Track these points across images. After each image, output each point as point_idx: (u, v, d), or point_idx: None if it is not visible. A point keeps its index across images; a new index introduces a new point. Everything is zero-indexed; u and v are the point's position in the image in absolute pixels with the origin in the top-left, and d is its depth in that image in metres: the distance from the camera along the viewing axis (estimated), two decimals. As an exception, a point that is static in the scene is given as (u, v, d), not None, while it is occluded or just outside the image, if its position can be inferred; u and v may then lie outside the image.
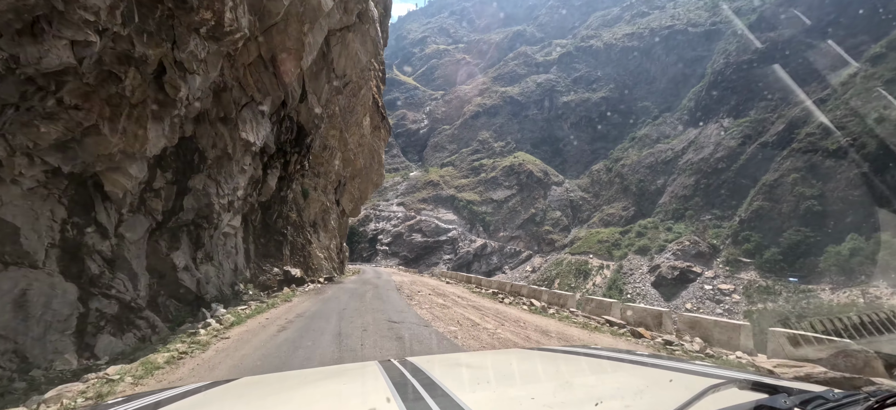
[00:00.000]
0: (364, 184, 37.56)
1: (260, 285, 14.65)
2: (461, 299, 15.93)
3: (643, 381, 1.45)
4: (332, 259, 25.99)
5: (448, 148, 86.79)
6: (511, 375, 1.67)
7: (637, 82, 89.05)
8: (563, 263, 54.06)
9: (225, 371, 5.92)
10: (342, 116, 25.47)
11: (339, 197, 30.69)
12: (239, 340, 7.90)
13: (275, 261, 17.21)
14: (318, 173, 24.71)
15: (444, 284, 25.23)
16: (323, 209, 25.19)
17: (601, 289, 46.16)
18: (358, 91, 27.21)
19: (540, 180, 71.30)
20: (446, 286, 22.71)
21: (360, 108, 28.76)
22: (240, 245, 14.02)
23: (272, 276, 15.66)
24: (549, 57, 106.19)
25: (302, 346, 7.23)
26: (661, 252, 47.61)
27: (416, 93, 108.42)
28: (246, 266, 14.41)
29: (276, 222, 18.15)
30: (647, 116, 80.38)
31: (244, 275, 13.95)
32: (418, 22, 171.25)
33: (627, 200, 63.32)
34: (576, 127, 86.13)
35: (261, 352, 6.87)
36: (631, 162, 68.47)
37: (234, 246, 13.54)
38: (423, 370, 1.57)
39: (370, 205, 69.21)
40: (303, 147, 18.49)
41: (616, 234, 56.48)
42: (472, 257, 61.49)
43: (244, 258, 14.42)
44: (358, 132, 30.30)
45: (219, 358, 6.62)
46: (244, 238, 14.70)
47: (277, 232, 18.14)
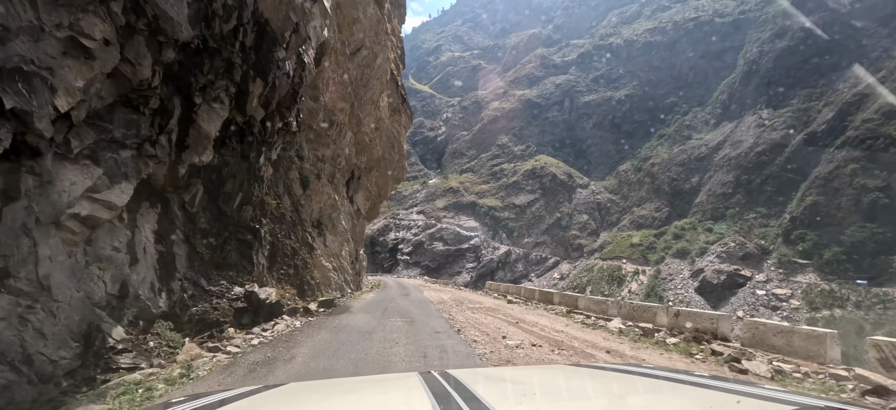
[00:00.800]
0: (383, 179, 32.25)
1: (196, 321, 8.04)
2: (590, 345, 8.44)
3: (706, 404, 1.31)
4: (343, 270, 20.46)
5: (467, 154, 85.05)
6: (558, 392, 1.60)
7: (662, 78, 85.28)
8: (593, 269, 50.98)
9: None
10: (354, 89, 20.94)
11: (352, 192, 25.73)
12: None
13: (238, 275, 10.35)
14: (323, 157, 19.46)
15: (506, 304, 16.78)
16: (330, 205, 19.71)
17: (638, 296, 42.90)
18: (372, 60, 23.07)
19: (564, 182, 68.47)
20: (511, 309, 14.84)
21: (375, 82, 24.30)
22: (147, 248, 7.28)
23: (225, 303, 8.98)
24: (567, 58, 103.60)
25: None
26: (703, 255, 44.04)
27: (432, 101, 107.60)
28: (163, 288, 7.58)
29: (241, 211, 10.95)
30: (675, 113, 76.54)
31: (156, 305, 7.20)
32: (432, 31, 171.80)
33: (660, 200, 59.72)
34: (599, 127, 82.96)
35: None
36: (661, 160, 64.87)
37: (125, 248, 6.63)
38: (465, 384, 1.52)
39: (390, 214, 67.95)
40: (274, 73, 10.41)
41: (650, 237, 53.05)
42: (496, 265, 59.07)
43: (160, 271, 7.64)
44: (374, 113, 25.80)
45: None
46: (159, 234, 7.83)
47: (243, 227, 11.02)
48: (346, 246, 22.66)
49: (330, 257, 18.78)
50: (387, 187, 35.50)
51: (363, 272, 31.02)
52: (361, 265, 29.29)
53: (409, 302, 16.44)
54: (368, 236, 62.74)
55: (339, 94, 19.45)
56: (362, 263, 30.55)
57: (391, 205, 72.30)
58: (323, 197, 18.93)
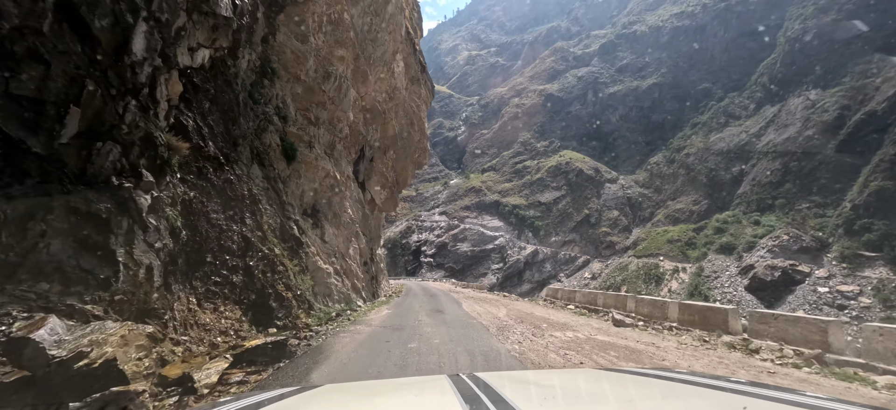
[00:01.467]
0: (401, 162, 27.33)
1: None
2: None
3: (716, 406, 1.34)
4: (350, 274, 15.95)
5: (488, 153, 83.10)
6: (578, 394, 1.68)
7: (693, 64, 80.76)
8: (628, 267, 48.04)
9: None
10: (358, 38, 17.31)
11: (363, 176, 20.99)
12: None
13: (60, 287, 4.50)
14: (317, 119, 14.75)
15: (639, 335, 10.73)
16: (329, 186, 15.24)
17: (680, 296, 39.83)
18: (383, 6, 19.10)
19: (591, 178, 65.50)
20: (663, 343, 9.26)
21: (387, 37, 20.21)
22: None
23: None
24: (589, 49, 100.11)
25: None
26: (752, 250, 40.51)
27: (451, 101, 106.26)
28: None
29: (90, 152, 5.06)
30: (709, 99, 72.11)
31: None
32: (448, 32, 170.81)
33: (697, 192, 55.97)
34: (626, 119, 79.27)
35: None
36: (696, 150, 60.95)
37: None
38: (492, 386, 1.58)
39: (412, 216, 66.87)
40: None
41: (689, 231, 49.60)
42: (523, 265, 56.84)
43: None
44: (388, 78, 21.85)
45: None
46: None
47: (90, 185, 5.04)
48: (356, 243, 17.90)
49: (331, 256, 14.21)
50: (407, 173, 30.10)
51: (381, 276, 26.47)
52: (378, 267, 24.49)
53: (448, 330, 9.78)
54: (390, 239, 61.76)
55: (337, 37, 15.09)
56: (379, 265, 25.67)
57: (413, 207, 71.22)
58: (317, 174, 14.24)
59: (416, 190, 77.03)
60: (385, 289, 25.47)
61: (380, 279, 24.66)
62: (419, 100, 27.94)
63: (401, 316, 12.62)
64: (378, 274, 24.14)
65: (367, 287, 19.08)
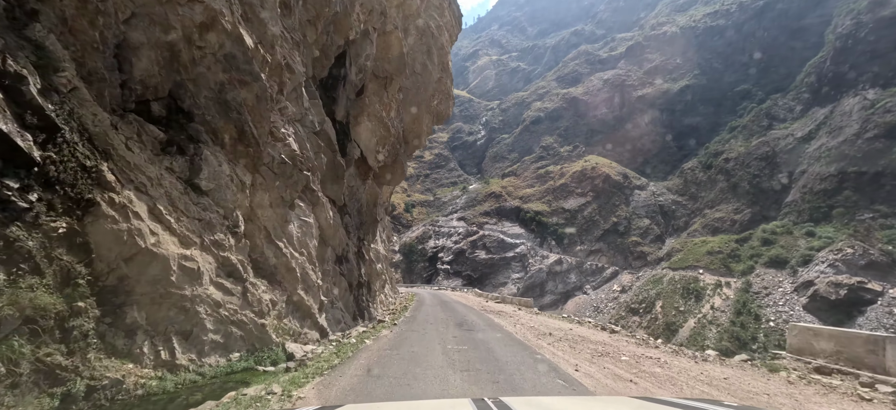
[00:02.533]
0: (415, 107, 19.88)
1: None
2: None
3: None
4: (289, 280, 9.45)
5: (508, 157, 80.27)
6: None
7: (729, 65, 75.99)
8: (662, 280, 44.06)
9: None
10: None
11: (344, 111, 13.53)
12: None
13: None
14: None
15: None
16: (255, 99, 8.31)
17: (725, 314, 35.77)
18: None
19: (619, 184, 61.68)
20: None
21: None
22: None
23: None
24: (615, 51, 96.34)
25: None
26: (809, 265, 36.08)
27: (470, 105, 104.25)
28: None
29: None
30: (748, 101, 67.26)
31: None
32: (468, 39, 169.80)
33: (738, 200, 51.45)
34: (656, 123, 74.98)
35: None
36: (736, 155, 56.38)
37: None
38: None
39: (429, 221, 64.63)
40: None
41: (730, 242, 45.26)
42: (546, 275, 53.48)
43: None
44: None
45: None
46: None
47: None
48: (312, 217, 10.79)
49: (205, 231, 7.15)
50: (421, 126, 21.67)
51: (388, 285, 20.54)
52: (384, 272, 17.79)
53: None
54: (406, 244, 59.65)
55: None
56: (386, 268, 18.79)
57: (430, 211, 69.02)
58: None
59: (433, 195, 74.90)
60: (390, 302, 20.29)
61: (384, 289, 18.92)
62: (441, 22, 19.93)
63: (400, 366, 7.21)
64: (374, 281, 17.49)
65: (347, 305, 12.20)
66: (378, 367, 7.15)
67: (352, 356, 8.14)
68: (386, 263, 24.97)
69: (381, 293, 19.06)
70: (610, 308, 44.39)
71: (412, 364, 7.41)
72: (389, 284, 24.21)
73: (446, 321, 13.92)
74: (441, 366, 7.19)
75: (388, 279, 24.20)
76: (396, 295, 27.68)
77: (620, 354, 8.96)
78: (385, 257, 24.37)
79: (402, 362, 7.61)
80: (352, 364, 7.32)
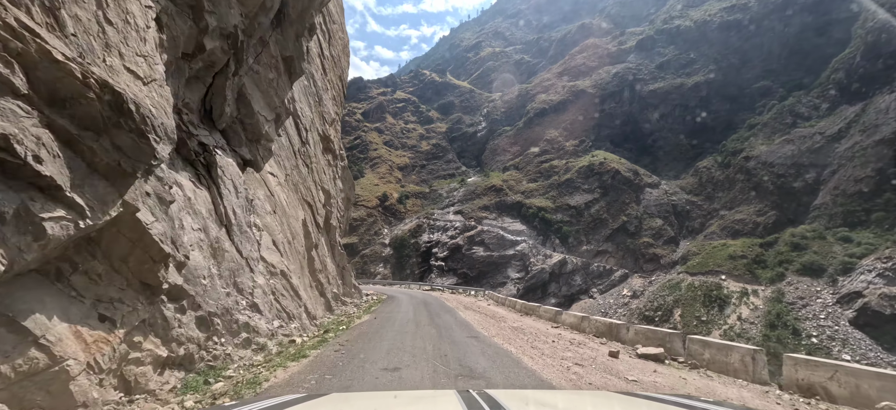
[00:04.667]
0: None
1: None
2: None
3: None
4: None
5: (510, 150, 75.79)
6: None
7: (747, 61, 71.80)
8: (680, 285, 39.71)
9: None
10: None
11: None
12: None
13: None
14: None
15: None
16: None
17: (755, 326, 31.43)
18: None
19: (629, 181, 57.34)
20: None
21: None
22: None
23: None
24: (624, 46, 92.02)
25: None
26: (850, 273, 31.82)
27: (471, 96, 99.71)
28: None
29: None
30: (768, 98, 63.10)
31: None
32: (471, 31, 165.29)
33: (762, 201, 47.21)
34: (668, 118, 70.74)
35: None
36: (758, 154, 52.14)
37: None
38: (504, 406, 1.52)
39: (423, 213, 60.02)
40: None
41: (754, 246, 40.99)
42: (548, 276, 49.06)
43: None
44: None
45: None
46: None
47: None
48: None
49: None
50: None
51: (331, 287, 14.97)
52: (319, 268, 13.34)
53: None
54: (397, 238, 55.05)
55: None
56: (321, 263, 13.77)
57: (425, 204, 64.43)
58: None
59: (429, 187, 70.33)
60: (334, 315, 13.70)
61: (327, 294, 13.85)
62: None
63: None
64: (325, 283, 13.56)
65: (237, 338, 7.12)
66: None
67: None
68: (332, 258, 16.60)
69: (335, 293, 14.35)
70: (620, 315, 40.00)
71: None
72: (340, 282, 17.40)
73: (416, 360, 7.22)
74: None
75: (337, 278, 16.42)
76: (355, 300, 18.98)
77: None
78: (319, 240, 14.50)
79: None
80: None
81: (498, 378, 6.32)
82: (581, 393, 2.93)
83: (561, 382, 6.36)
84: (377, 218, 58.25)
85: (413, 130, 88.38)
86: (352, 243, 53.68)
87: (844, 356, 25.01)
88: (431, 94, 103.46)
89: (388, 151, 79.36)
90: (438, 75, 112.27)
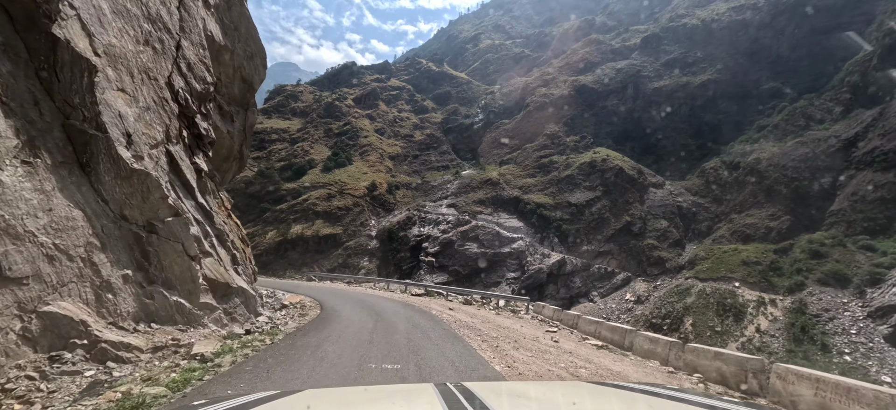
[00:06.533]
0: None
1: None
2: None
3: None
4: None
5: (508, 144, 72.42)
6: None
7: (756, 62, 69.47)
8: (690, 291, 36.69)
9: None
10: None
11: None
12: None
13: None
14: None
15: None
16: None
17: (777, 339, 28.47)
18: None
19: (633, 179, 54.38)
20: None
21: None
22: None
23: None
24: (628, 42, 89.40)
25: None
26: (881, 285, 29.03)
27: (468, 87, 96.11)
28: None
29: None
30: (778, 100, 60.71)
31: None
32: (470, 23, 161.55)
33: (774, 205, 44.52)
34: (673, 117, 68.02)
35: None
36: (769, 156, 49.51)
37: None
38: (484, 401, 1.50)
39: (414, 205, 56.31)
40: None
41: (769, 253, 38.20)
42: (546, 277, 45.82)
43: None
44: None
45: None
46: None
47: None
48: None
49: None
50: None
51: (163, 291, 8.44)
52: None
53: None
54: (385, 229, 51.31)
55: None
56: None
57: (416, 195, 60.73)
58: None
59: (421, 178, 66.61)
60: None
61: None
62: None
63: None
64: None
65: None
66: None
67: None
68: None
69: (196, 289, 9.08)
70: (623, 320, 36.82)
71: None
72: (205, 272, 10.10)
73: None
74: None
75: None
76: (254, 307, 11.89)
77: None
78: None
79: None
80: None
81: None
82: (552, 384, 2.97)
83: None
84: (364, 208, 54.37)
85: (407, 119, 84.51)
86: (335, 234, 49.78)
87: (884, 378, 22.09)
88: (427, 83, 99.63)
89: (379, 139, 75.40)
90: (435, 65, 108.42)
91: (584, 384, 2.28)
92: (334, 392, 2.04)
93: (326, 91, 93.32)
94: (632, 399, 1.76)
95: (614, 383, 1.96)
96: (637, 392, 1.85)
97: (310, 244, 49.82)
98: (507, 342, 11.21)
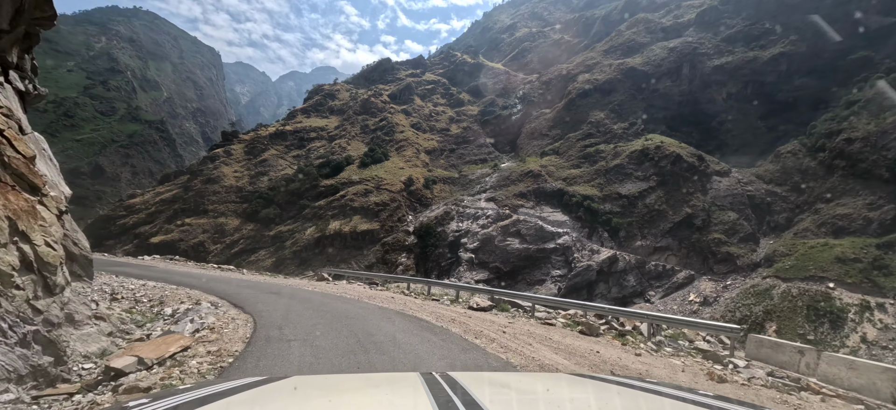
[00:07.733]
0: None
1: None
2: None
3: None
4: None
5: (549, 134, 68.62)
6: (561, 403, 1.62)
7: (839, 29, 60.46)
8: (771, 293, 31.88)
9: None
10: None
11: None
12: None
13: None
14: None
15: None
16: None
17: (893, 352, 23.58)
18: None
19: (693, 167, 49.09)
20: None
21: None
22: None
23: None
24: (681, 19, 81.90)
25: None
26: None
27: (506, 77, 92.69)
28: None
29: None
30: (868, 70, 52.30)
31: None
32: (505, 13, 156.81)
33: (873, 192, 38.00)
34: (737, 98, 61.07)
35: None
36: (864, 135, 42.51)
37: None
38: (466, 389, 1.52)
39: (452, 200, 54.46)
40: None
41: (870, 248, 32.38)
42: (596, 275, 42.24)
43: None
44: None
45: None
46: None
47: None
48: None
49: None
50: None
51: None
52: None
53: None
54: (423, 225, 49.85)
55: None
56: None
57: (454, 190, 58.85)
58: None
59: (458, 172, 64.64)
60: None
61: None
62: None
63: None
64: None
65: None
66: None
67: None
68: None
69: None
70: (687, 325, 32.62)
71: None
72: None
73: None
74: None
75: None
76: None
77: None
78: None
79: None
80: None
81: None
82: (534, 375, 2.94)
83: None
84: (401, 203, 53.27)
85: (442, 112, 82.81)
86: (372, 230, 49.05)
87: None
88: (462, 75, 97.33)
89: (415, 134, 74.27)
90: (470, 56, 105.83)
91: (563, 374, 2.42)
92: (320, 380, 2.05)
93: (362, 88, 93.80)
94: (605, 389, 1.82)
95: (592, 375, 2.10)
96: (614, 385, 1.92)
97: (347, 240, 49.45)
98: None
